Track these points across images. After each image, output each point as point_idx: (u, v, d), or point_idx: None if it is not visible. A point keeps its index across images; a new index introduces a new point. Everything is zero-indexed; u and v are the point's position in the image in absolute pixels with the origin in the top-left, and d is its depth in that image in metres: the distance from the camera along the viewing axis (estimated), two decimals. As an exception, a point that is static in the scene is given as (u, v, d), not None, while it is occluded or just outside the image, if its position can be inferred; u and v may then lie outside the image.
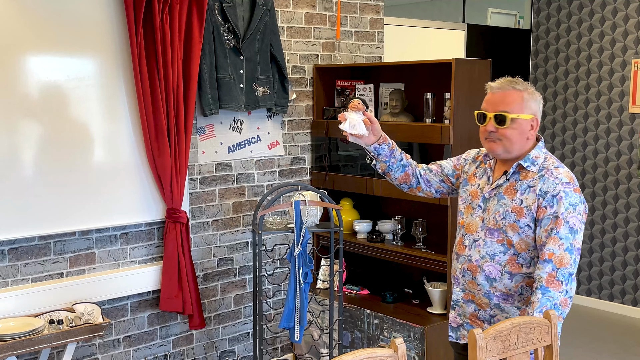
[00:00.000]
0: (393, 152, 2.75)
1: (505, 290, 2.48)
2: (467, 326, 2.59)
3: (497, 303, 2.50)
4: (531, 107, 2.44)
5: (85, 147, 3.52)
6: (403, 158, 2.78)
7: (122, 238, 3.76)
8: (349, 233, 4.48)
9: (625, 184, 5.66)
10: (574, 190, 2.39)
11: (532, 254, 2.43)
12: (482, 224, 2.54)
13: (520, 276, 2.46)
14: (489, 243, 2.50)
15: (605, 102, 5.74)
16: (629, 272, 5.67)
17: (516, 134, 2.43)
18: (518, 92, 2.43)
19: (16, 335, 3.10)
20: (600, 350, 4.96)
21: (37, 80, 3.35)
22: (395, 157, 2.76)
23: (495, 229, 2.49)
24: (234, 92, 4.00)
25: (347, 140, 2.70)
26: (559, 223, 2.35)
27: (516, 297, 2.48)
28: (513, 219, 2.45)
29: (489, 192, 2.55)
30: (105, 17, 3.52)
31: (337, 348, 3.89)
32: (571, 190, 2.38)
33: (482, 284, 2.51)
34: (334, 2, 4.60)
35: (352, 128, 2.62)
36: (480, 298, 2.53)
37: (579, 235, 2.36)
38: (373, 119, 2.69)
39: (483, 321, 2.55)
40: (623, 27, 5.59)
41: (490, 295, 2.51)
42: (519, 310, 2.47)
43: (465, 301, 2.59)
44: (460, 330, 2.64)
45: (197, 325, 3.88)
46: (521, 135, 2.44)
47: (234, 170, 4.21)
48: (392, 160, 2.76)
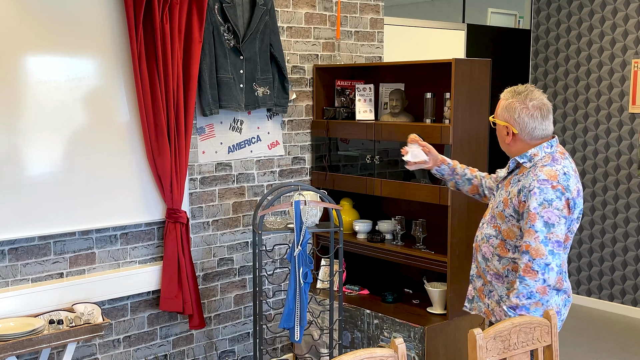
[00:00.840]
0: (455, 170, 3.08)
1: (496, 270, 2.74)
2: (477, 299, 2.87)
3: (490, 280, 2.77)
4: (504, 116, 2.71)
5: (85, 147, 3.52)
6: (467, 173, 3.09)
7: (122, 238, 3.76)
8: (349, 233, 4.48)
9: (625, 184, 5.66)
10: (552, 187, 2.55)
11: (518, 242, 2.65)
12: (490, 211, 2.84)
13: (507, 260, 2.70)
14: (487, 227, 2.79)
15: (605, 102, 5.74)
16: (629, 272, 5.67)
17: (499, 136, 2.77)
18: (501, 100, 2.75)
19: (16, 335, 3.10)
20: (600, 350, 4.96)
21: (37, 80, 3.35)
22: (458, 173, 3.08)
23: (493, 215, 2.78)
24: (234, 92, 4.01)
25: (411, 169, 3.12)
26: (534, 217, 2.55)
27: (504, 279, 2.72)
28: (501, 208, 2.72)
29: (498, 184, 2.86)
30: (105, 17, 3.52)
31: (337, 348, 3.89)
32: (547, 187, 2.55)
33: (481, 262, 2.81)
34: (334, 2, 4.60)
35: (414, 157, 3.04)
36: (482, 274, 2.82)
37: (556, 228, 2.54)
38: (429, 147, 3.06)
39: (485, 296, 2.81)
40: (623, 27, 5.59)
41: (486, 273, 2.79)
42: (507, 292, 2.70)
43: (477, 276, 2.87)
44: (473, 302, 2.90)
45: (197, 325, 3.88)
46: (500, 138, 2.76)
47: (234, 170, 4.21)
48: (456, 177, 3.09)
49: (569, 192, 2.56)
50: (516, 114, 2.66)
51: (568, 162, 2.67)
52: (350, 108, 4.51)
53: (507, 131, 2.70)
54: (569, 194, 2.56)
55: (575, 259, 6.02)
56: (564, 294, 2.69)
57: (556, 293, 2.64)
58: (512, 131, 2.68)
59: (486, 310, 2.81)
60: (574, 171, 2.66)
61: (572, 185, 2.59)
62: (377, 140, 4.20)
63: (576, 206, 2.61)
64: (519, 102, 2.66)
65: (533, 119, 2.65)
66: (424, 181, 3.99)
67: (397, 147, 4.13)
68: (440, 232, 4.01)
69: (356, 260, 4.64)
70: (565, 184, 2.57)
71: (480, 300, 2.84)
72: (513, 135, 2.69)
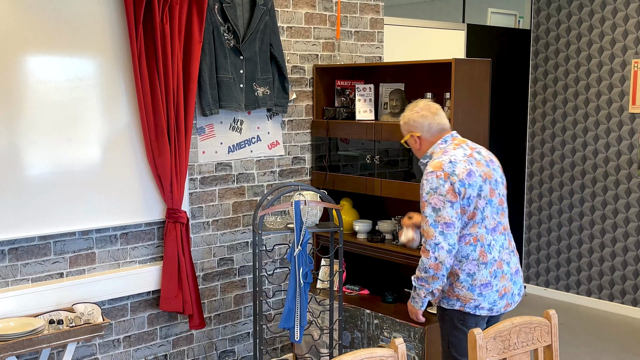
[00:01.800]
0: None
1: None
2: None
3: None
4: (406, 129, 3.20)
5: (85, 147, 3.52)
6: None
7: (122, 238, 3.76)
8: (349, 233, 4.48)
9: (625, 184, 5.66)
10: (436, 176, 2.94)
11: None
12: None
13: None
14: None
15: (605, 102, 5.74)
16: (629, 272, 5.67)
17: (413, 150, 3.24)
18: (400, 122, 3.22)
19: (16, 335, 3.10)
20: (600, 350, 4.96)
21: (37, 80, 3.35)
22: None
23: None
24: (234, 92, 4.01)
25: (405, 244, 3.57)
26: (424, 205, 2.98)
27: None
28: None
29: None
30: (105, 17, 3.52)
31: (337, 348, 3.89)
32: (433, 177, 2.95)
33: None
34: (334, 2, 4.60)
35: (406, 238, 3.44)
36: None
37: (442, 212, 2.92)
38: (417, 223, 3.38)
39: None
40: (623, 27, 5.59)
41: None
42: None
43: None
44: None
45: (197, 325, 3.88)
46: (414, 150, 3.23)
47: (234, 170, 4.21)
48: None
49: (455, 177, 2.92)
50: (411, 120, 3.13)
51: (461, 150, 3.04)
52: (350, 108, 4.51)
53: (414, 139, 3.15)
54: (454, 178, 2.92)
55: (575, 259, 6.02)
56: (492, 265, 3.00)
57: (484, 266, 2.99)
58: (416, 135, 3.13)
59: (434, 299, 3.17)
60: (467, 156, 3.01)
61: (458, 170, 2.94)
62: (377, 140, 4.20)
63: (469, 186, 2.94)
64: (409, 111, 3.15)
65: (424, 118, 3.10)
66: (424, 181, 3.99)
67: (397, 147, 4.13)
68: (440, 232, 4.00)
69: (356, 260, 4.64)
70: (449, 170, 2.94)
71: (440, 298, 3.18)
72: (419, 139, 3.14)
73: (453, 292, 3.03)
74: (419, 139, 3.14)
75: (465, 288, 3.00)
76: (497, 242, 3.03)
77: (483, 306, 3.00)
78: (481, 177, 2.99)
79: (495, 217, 3.03)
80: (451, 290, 3.04)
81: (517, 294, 3.13)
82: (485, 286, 2.99)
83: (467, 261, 2.99)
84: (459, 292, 3.01)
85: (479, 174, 2.99)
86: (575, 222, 6.00)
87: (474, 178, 2.96)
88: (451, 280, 3.03)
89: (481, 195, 2.97)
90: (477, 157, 3.05)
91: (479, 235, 2.99)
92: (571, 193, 6.01)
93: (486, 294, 2.99)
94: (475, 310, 3.01)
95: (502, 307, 3.05)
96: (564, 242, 6.09)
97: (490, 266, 3.00)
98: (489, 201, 3.00)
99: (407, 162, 4.15)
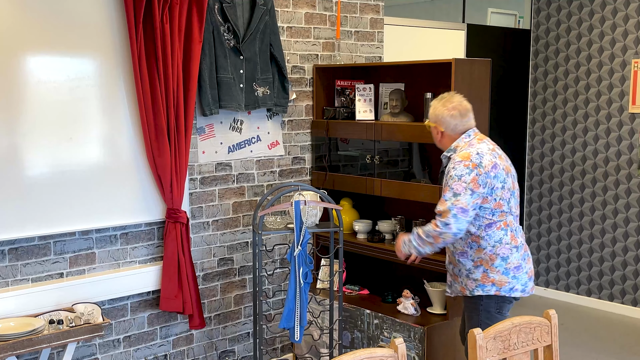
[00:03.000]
0: None
1: (461, 249, 3.27)
2: (453, 282, 3.40)
3: (458, 260, 3.30)
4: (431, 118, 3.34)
5: (85, 147, 3.52)
6: None
7: (122, 238, 3.76)
8: (349, 233, 4.48)
9: (625, 184, 5.66)
10: (464, 165, 3.11)
11: None
12: None
13: (466, 235, 3.22)
14: None
15: (605, 102, 5.74)
16: (629, 272, 5.67)
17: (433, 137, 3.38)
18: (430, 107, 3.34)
19: (16, 335, 3.10)
20: (600, 350, 4.96)
21: (37, 80, 3.35)
22: None
23: None
24: (234, 92, 4.01)
25: None
26: (446, 189, 3.16)
27: (468, 253, 3.24)
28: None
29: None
30: (105, 17, 3.52)
31: (337, 348, 3.89)
32: (461, 166, 3.12)
33: (450, 247, 3.36)
34: (334, 2, 4.60)
35: (404, 310, 3.96)
36: (452, 258, 3.37)
37: (461, 197, 3.09)
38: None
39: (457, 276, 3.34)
40: (623, 27, 5.59)
41: (454, 255, 3.33)
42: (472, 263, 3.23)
43: (448, 263, 3.43)
44: (451, 287, 3.42)
45: (197, 325, 3.88)
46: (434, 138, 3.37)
47: (234, 170, 4.21)
48: None
49: (481, 168, 3.10)
50: (440, 116, 3.27)
51: (485, 144, 3.22)
52: (350, 108, 4.51)
53: (437, 131, 3.30)
54: (481, 170, 3.10)
55: (575, 259, 6.02)
56: (521, 249, 3.24)
57: (516, 250, 3.22)
58: (440, 130, 3.28)
59: (461, 287, 3.33)
60: (490, 150, 3.19)
61: (484, 162, 3.12)
62: (377, 140, 4.20)
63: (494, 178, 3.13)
64: (441, 105, 3.28)
65: (453, 118, 3.25)
66: (424, 181, 3.99)
67: (397, 147, 4.13)
68: (440, 232, 4.01)
69: (356, 260, 4.64)
70: (477, 161, 3.12)
71: (455, 282, 3.37)
72: (442, 134, 3.29)
73: (488, 278, 3.21)
74: (442, 133, 3.31)
75: (500, 272, 3.20)
76: (520, 229, 3.29)
77: (517, 288, 3.22)
78: (504, 170, 3.19)
79: (517, 208, 3.27)
80: (486, 277, 3.21)
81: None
82: (518, 269, 3.22)
83: (500, 245, 3.19)
84: (494, 277, 3.20)
85: (502, 167, 3.19)
86: (575, 222, 6.00)
87: (499, 170, 3.16)
88: (484, 267, 3.21)
89: (505, 187, 3.17)
90: (498, 152, 3.25)
91: (508, 221, 3.21)
92: (571, 193, 6.01)
93: (519, 276, 3.22)
94: (510, 292, 3.21)
95: (530, 289, 3.29)
96: (564, 242, 6.09)
97: (521, 249, 3.24)
98: (512, 192, 3.22)
99: (407, 162, 4.15)
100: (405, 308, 3.97)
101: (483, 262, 3.21)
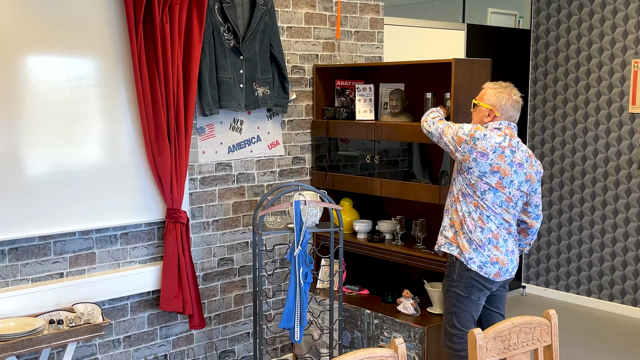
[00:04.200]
0: None
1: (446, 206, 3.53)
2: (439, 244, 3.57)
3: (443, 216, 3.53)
4: (490, 101, 3.41)
5: (85, 147, 3.52)
6: None
7: (122, 238, 3.76)
8: (349, 233, 4.48)
9: (625, 184, 5.66)
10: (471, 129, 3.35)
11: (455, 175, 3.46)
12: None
13: (451, 194, 3.47)
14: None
15: (605, 102, 5.74)
16: (629, 272, 5.67)
17: (476, 115, 3.48)
18: (488, 88, 3.45)
19: (16, 335, 3.10)
20: (600, 350, 4.96)
21: (37, 80, 3.35)
22: None
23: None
24: (234, 92, 4.01)
25: None
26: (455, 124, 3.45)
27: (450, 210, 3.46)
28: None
29: None
30: (105, 17, 3.52)
31: (337, 348, 3.89)
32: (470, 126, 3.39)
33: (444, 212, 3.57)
34: (334, 2, 4.60)
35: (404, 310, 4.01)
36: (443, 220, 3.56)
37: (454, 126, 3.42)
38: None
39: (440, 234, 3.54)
40: (623, 27, 5.59)
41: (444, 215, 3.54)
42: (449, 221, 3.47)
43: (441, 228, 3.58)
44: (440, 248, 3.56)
45: (197, 325, 3.88)
46: (479, 118, 3.45)
47: (234, 170, 4.21)
48: None
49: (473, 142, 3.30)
50: (503, 102, 3.39)
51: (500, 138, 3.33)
52: (350, 108, 4.51)
53: (489, 113, 3.40)
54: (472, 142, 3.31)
55: (575, 259, 6.02)
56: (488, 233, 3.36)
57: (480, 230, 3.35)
58: (495, 114, 3.39)
59: (436, 245, 3.54)
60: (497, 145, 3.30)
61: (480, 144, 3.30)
62: (377, 140, 4.20)
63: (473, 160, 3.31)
64: (506, 94, 3.40)
65: (514, 109, 3.41)
66: (424, 181, 3.99)
67: (397, 147, 4.13)
68: (440, 232, 4.01)
69: (356, 260, 4.64)
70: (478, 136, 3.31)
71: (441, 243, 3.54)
72: (493, 117, 3.40)
73: (456, 239, 3.42)
74: (495, 117, 3.41)
75: (465, 240, 3.38)
76: (496, 218, 3.37)
77: (475, 261, 3.36)
78: (491, 166, 3.31)
79: (497, 207, 3.35)
80: (455, 238, 3.42)
81: (510, 270, 3.45)
82: (481, 247, 3.36)
83: (468, 217, 3.37)
84: (460, 241, 3.40)
85: (491, 163, 3.30)
86: (575, 222, 6.00)
87: (483, 160, 3.30)
88: (455, 228, 3.42)
89: (483, 179, 3.31)
90: (506, 153, 3.33)
91: (480, 206, 3.35)
92: (571, 193, 6.01)
93: (480, 252, 3.36)
94: (468, 262, 3.36)
95: (493, 274, 3.37)
96: (564, 242, 6.09)
97: (487, 232, 3.36)
98: (494, 190, 3.33)
99: (407, 162, 4.15)
100: (405, 308, 3.98)
101: (455, 223, 3.42)
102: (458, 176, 3.42)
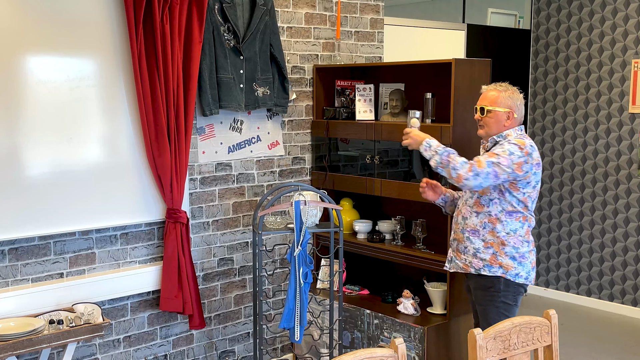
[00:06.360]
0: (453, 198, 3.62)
1: (473, 226, 3.34)
2: (454, 259, 3.46)
3: (467, 237, 3.36)
4: (507, 103, 3.31)
5: (85, 147, 3.52)
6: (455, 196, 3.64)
7: (122, 238, 3.76)
8: (349, 233, 4.48)
9: (625, 184, 5.66)
10: (519, 148, 3.20)
11: (492, 195, 3.28)
12: None
13: (484, 214, 3.30)
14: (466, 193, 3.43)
15: (605, 102, 5.74)
16: (629, 272, 5.67)
17: (493, 122, 3.31)
18: (497, 92, 3.33)
19: (16, 335, 3.10)
20: (600, 350, 4.96)
21: (37, 80, 3.35)
22: (455, 199, 3.62)
23: None
24: (234, 92, 4.01)
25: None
26: (491, 155, 3.20)
27: (480, 233, 3.31)
28: None
29: None
30: (105, 17, 3.52)
31: (337, 348, 3.89)
32: (516, 148, 3.20)
33: (460, 222, 3.41)
34: (334, 2, 4.60)
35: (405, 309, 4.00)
36: (459, 235, 3.41)
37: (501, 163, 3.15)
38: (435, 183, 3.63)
39: (461, 253, 3.40)
40: (623, 27, 5.60)
41: (464, 232, 3.38)
42: (483, 243, 3.31)
43: (453, 239, 3.47)
44: (451, 262, 3.49)
45: (197, 325, 3.88)
46: (497, 123, 3.31)
47: (234, 170, 4.21)
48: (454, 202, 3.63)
49: (530, 158, 3.20)
50: (518, 102, 3.34)
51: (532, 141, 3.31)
52: (350, 108, 4.51)
53: (508, 115, 3.30)
54: (529, 159, 3.20)
55: (575, 259, 6.02)
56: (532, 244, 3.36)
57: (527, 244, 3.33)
58: (513, 115, 3.31)
59: (464, 265, 3.39)
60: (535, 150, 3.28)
61: (534, 155, 3.23)
62: (377, 140, 4.20)
63: (534, 174, 3.24)
64: (517, 94, 3.35)
65: (523, 107, 3.37)
66: (424, 181, 3.99)
67: (397, 147, 4.13)
68: (440, 232, 4.01)
69: (356, 260, 4.64)
70: (530, 150, 3.22)
71: (457, 258, 3.43)
72: (512, 119, 3.32)
73: (496, 260, 3.30)
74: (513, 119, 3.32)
75: (508, 257, 3.28)
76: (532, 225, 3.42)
77: (521, 274, 3.31)
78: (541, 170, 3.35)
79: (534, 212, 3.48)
80: (494, 259, 3.30)
81: None
82: (523, 257, 3.31)
83: (514, 235, 3.29)
84: (502, 260, 3.29)
85: (541, 166, 3.34)
86: (575, 222, 6.00)
87: (539, 169, 3.30)
88: (495, 249, 3.30)
89: (536, 188, 3.31)
90: None
91: (528, 217, 3.31)
92: (571, 193, 6.01)
93: (524, 263, 3.32)
94: (515, 278, 3.30)
95: (532, 278, 3.38)
96: (564, 242, 6.09)
97: (530, 244, 3.35)
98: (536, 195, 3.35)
99: (407, 162, 4.15)
100: (405, 308, 3.98)
101: (494, 245, 3.29)
102: (502, 196, 3.26)
